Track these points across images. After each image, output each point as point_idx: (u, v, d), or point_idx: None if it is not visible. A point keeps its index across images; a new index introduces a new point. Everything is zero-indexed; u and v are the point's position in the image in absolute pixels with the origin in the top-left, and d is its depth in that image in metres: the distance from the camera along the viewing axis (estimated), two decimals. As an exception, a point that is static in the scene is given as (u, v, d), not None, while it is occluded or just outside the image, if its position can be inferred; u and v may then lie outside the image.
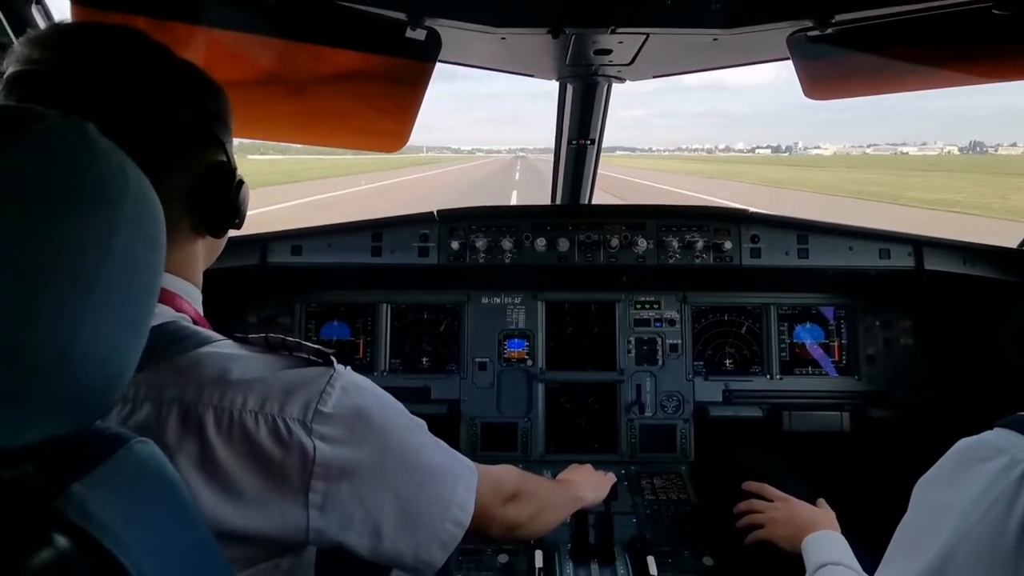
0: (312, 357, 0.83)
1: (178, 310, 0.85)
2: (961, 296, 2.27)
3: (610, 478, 1.84)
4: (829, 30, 1.42)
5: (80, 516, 0.52)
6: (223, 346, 0.81)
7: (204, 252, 0.96)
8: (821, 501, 1.75)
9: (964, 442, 0.87)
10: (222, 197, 0.90)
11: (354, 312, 2.51)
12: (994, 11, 1.28)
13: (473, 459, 2.29)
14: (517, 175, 39.91)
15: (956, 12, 1.32)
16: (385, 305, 2.50)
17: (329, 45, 1.43)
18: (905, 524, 0.93)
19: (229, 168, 0.90)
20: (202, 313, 0.92)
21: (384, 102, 1.60)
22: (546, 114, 2.31)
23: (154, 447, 0.62)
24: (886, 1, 1.34)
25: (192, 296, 0.91)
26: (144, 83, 0.81)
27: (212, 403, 0.73)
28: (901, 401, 2.36)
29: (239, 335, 0.85)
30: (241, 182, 0.94)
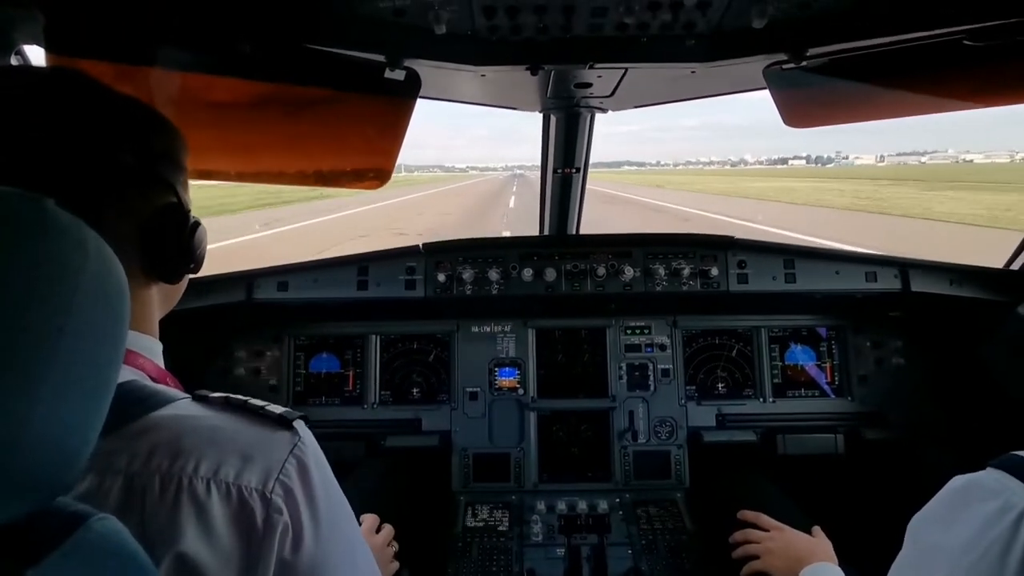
0: (276, 416, 0.79)
1: (134, 367, 0.81)
2: (950, 316, 2.27)
3: None
4: (804, 62, 1.44)
5: None
6: (180, 407, 0.77)
7: (160, 299, 0.90)
8: (817, 529, 1.74)
9: (957, 481, 0.87)
10: (174, 241, 0.86)
11: (343, 344, 2.50)
12: (964, 42, 1.30)
13: (466, 491, 2.29)
14: (512, 200, 32.05)
15: (928, 44, 1.34)
16: (374, 336, 2.49)
17: (305, 84, 1.44)
18: (900, 562, 0.92)
19: (181, 210, 0.86)
20: (162, 366, 0.88)
21: (365, 140, 1.60)
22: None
23: (115, 523, 0.59)
24: (858, 35, 1.36)
25: (149, 349, 0.86)
26: (82, 125, 0.77)
27: (160, 471, 0.69)
28: (895, 421, 2.35)
29: (200, 393, 0.81)
30: (196, 224, 0.89)
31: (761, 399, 2.45)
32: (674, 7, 1.29)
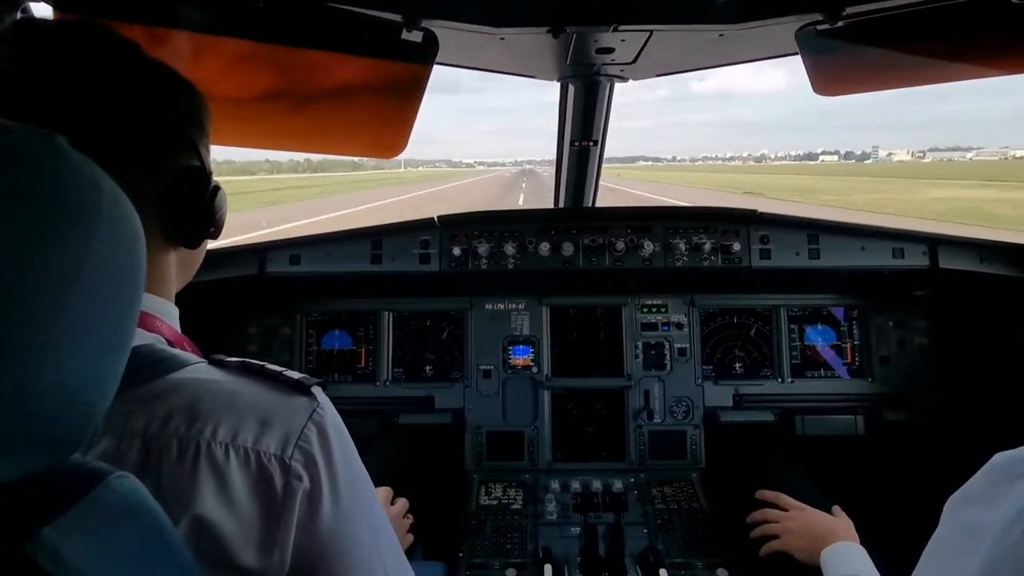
0: (294, 381, 0.76)
1: (151, 330, 0.78)
2: (978, 295, 2.21)
3: None
4: (840, 23, 1.37)
5: (52, 563, 0.47)
6: (197, 370, 0.74)
7: (178, 266, 0.88)
8: (837, 509, 1.70)
9: (1000, 457, 0.82)
10: (194, 204, 0.83)
11: (355, 320, 2.47)
12: (1013, 1, 1.23)
13: (479, 469, 2.27)
14: (520, 199, 32.06)
15: (973, 3, 1.27)
16: (387, 313, 2.46)
17: (322, 49, 1.39)
18: (935, 544, 0.88)
19: (203, 173, 0.84)
20: (179, 330, 0.85)
21: (381, 107, 1.55)
22: (556, 125, 2.22)
23: (135, 482, 0.56)
24: None
25: (167, 314, 0.84)
26: (111, 81, 0.75)
27: (177, 434, 0.67)
28: (917, 403, 2.30)
29: (216, 357, 0.78)
30: (217, 188, 0.87)
31: (779, 379, 2.40)
32: None
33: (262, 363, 0.78)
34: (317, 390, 0.78)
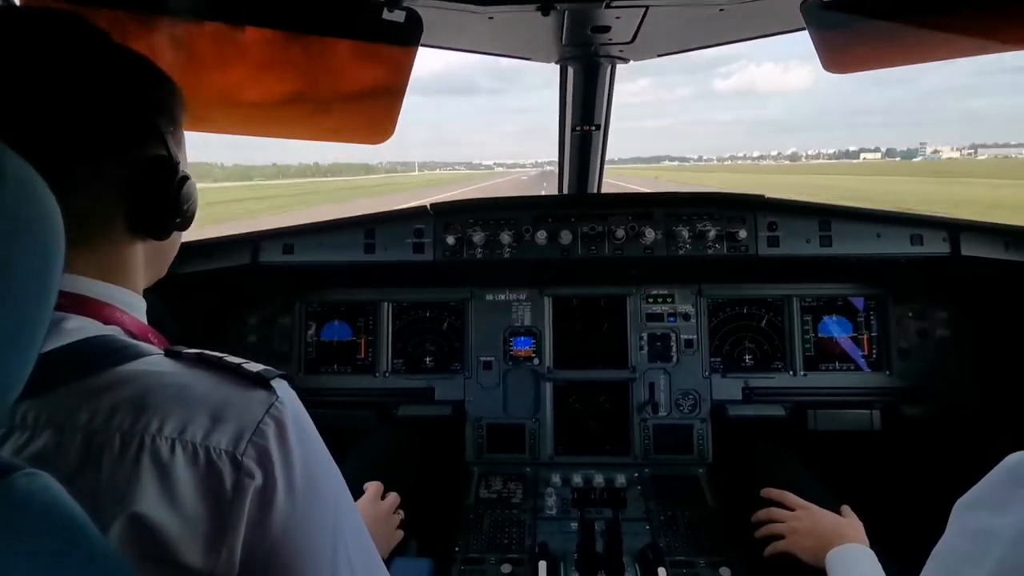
0: (253, 375, 0.73)
1: (109, 322, 0.76)
2: (1003, 284, 2.08)
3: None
4: (846, -6, 1.28)
5: None
6: (149, 362, 0.72)
7: (146, 258, 0.87)
8: (846, 509, 1.62)
9: (1012, 458, 0.74)
10: (161, 194, 0.82)
11: (355, 311, 2.44)
12: None
13: (479, 461, 2.23)
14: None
15: None
16: (386, 303, 2.43)
17: (299, 30, 1.34)
18: (942, 549, 0.81)
19: (170, 163, 0.83)
20: (144, 322, 0.84)
21: (365, 91, 1.51)
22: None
23: (47, 479, 0.53)
24: None
25: (130, 304, 0.82)
26: (79, 69, 0.75)
27: (120, 428, 0.64)
28: (937, 397, 2.19)
29: (174, 348, 0.76)
30: (185, 178, 0.85)
31: (791, 372, 2.31)
32: None
33: (221, 355, 0.75)
34: (279, 383, 0.74)
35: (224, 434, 0.67)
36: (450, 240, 2.16)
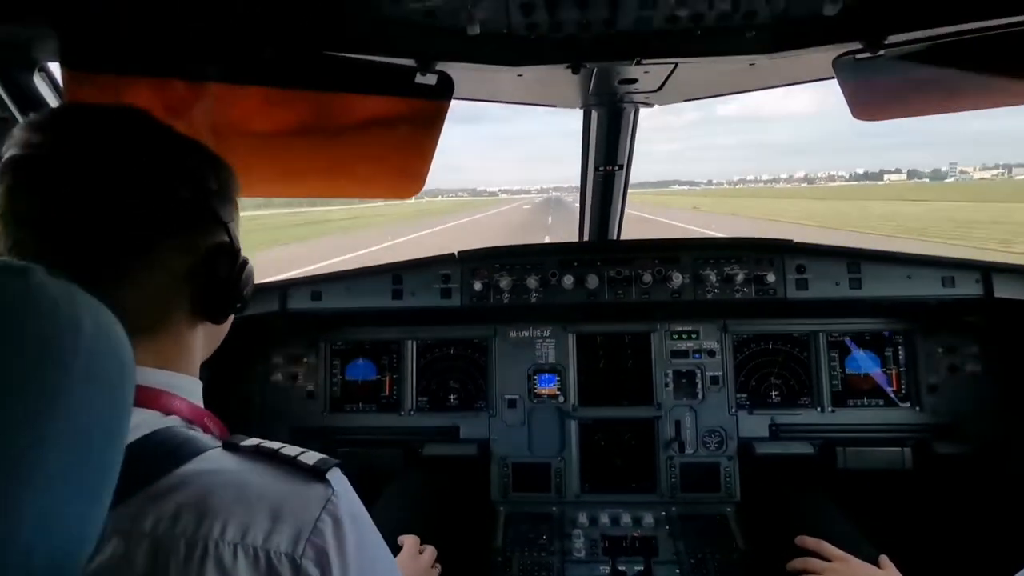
0: (310, 468, 0.74)
1: (167, 411, 0.78)
2: None
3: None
4: (881, 51, 1.28)
5: None
6: (209, 459, 0.73)
7: (203, 340, 0.89)
8: (884, 559, 1.60)
9: None
10: (224, 280, 0.84)
11: (379, 349, 2.45)
12: None
13: (505, 501, 2.22)
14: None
15: (1017, 32, 1.16)
16: (411, 341, 2.44)
17: (335, 92, 1.36)
18: None
19: (232, 249, 0.86)
20: (201, 405, 0.85)
21: (397, 146, 1.52)
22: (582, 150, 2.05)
23: None
24: (945, 19, 1.19)
25: (187, 390, 0.83)
26: (144, 162, 0.77)
27: (185, 535, 0.65)
28: (971, 435, 2.16)
29: (232, 440, 0.77)
30: (245, 263, 0.88)
31: (819, 408, 2.28)
32: None
33: (278, 447, 0.76)
34: (334, 474, 0.76)
35: (283, 535, 0.67)
36: (477, 286, 2.17)
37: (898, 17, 1.21)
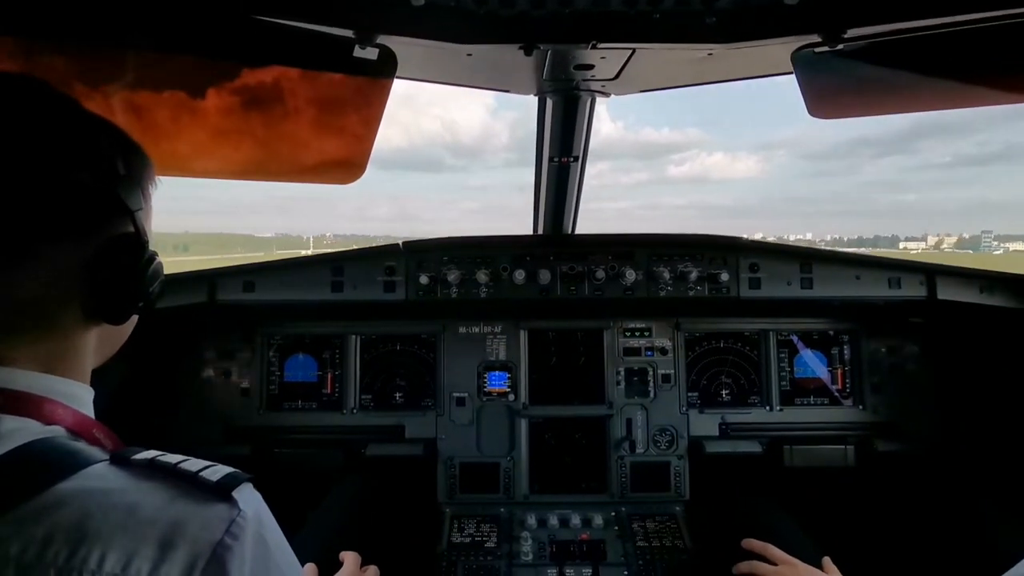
0: (213, 484, 0.64)
1: (49, 420, 0.67)
2: (975, 325, 2.10)
3: None
4: (840, 45, 1.24)
5: None
6: (92, 475, 0.63)
7: (97, 343, 0.78)
8: (827, 562, 1.60)
9: None
10: (124, 275, 0.74)
11: (320, 344, 2.32)
12: None
13: (452, 502, 2.14)
14: None
15: (984, 28, 1.15)
16: (354, 336, 2.31)
17: (265, 64, 1.23)
18: None
19: (137, 241, 0.75)
20: (91, 414, 0.74)
21: (335, 127, 1.40)
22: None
23: None
24: (905, 14, 1.16)
25: (75, 397, 0.73)
26: (40, 139, 0.69)
27: (55, 563, 0.56)
28: (910, 433, 2.21)
29: (122, 453, 0.66)
30: (152, 257, 0.78)
31: (767, 407, 2.29)
32: None
33: (176, 460, 0.66)
34: (243, 491, 0.66)
35: (174, 565, 0.58)
36: (423, 279, 2.07)
37: (858, 10, 1.18)
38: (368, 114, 1.41)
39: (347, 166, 1.46)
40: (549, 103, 1.88)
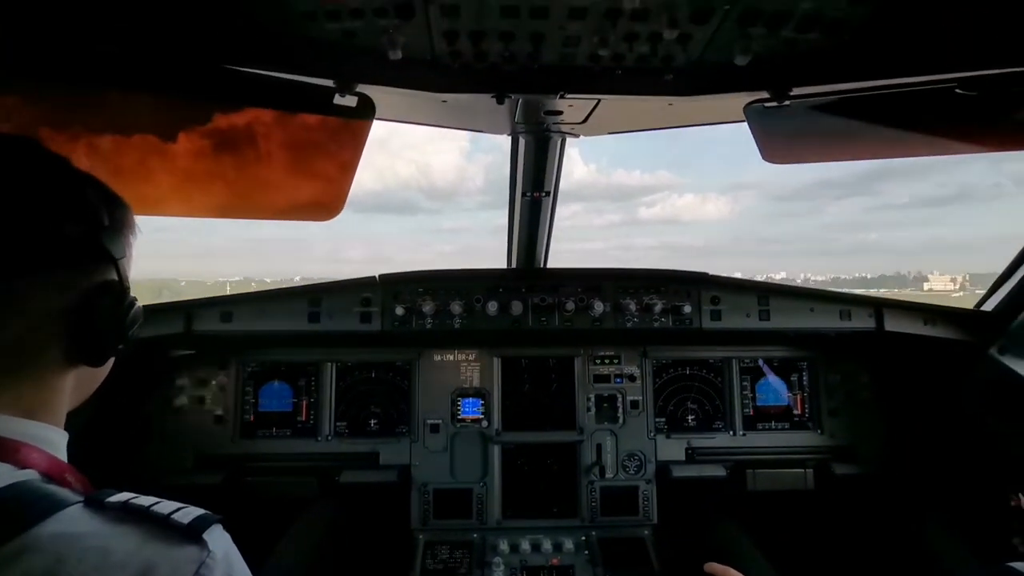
0: (184, 527, 0.67)
1: (23, 464, 0.69)
2: (922, 354, 2.23)
3: None
4: (787, 102, 1.35)
5: None
6: (65, 520, 0.65)
7: (75, 384, 0.81)
8: None
9: None
10: (107, 321, 0.78)
11: (296, 371, 2.34)
12: (957, 91, 1.23)
13: (425, 528, 2.16)
14: None
15: (917, 91, 1.27)
16: (329, 364, 2.34)
17: (246, 107, 1.29)
18: None
19: (119, 288, 0.80)
20: (64, 459, 0.76)
21: (315, 166, 1.46)
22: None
23: None
24: (844, 76, 1.28)
25: (48, 441, 0.75)
26: (32, 194, 0.73)
27: None
28: (864, 457, 2.31)
29: (95, 496, 0.69)
30: (132, 303, 0.82)
31: (731, 432, 2.38)
32: (652, 40, 1.19)
33: (149, 503, 0.69)
34: (212, 533, 0.69)
35: None
36: (399, 311, 2.11)
37: (801, 72, 1.28)
38: (347, 154, 1.47)
39: (325, 204, 1.51)
40: (522, 142, 1.97)
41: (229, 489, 2.13)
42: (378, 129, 1.57)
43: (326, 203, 1.52)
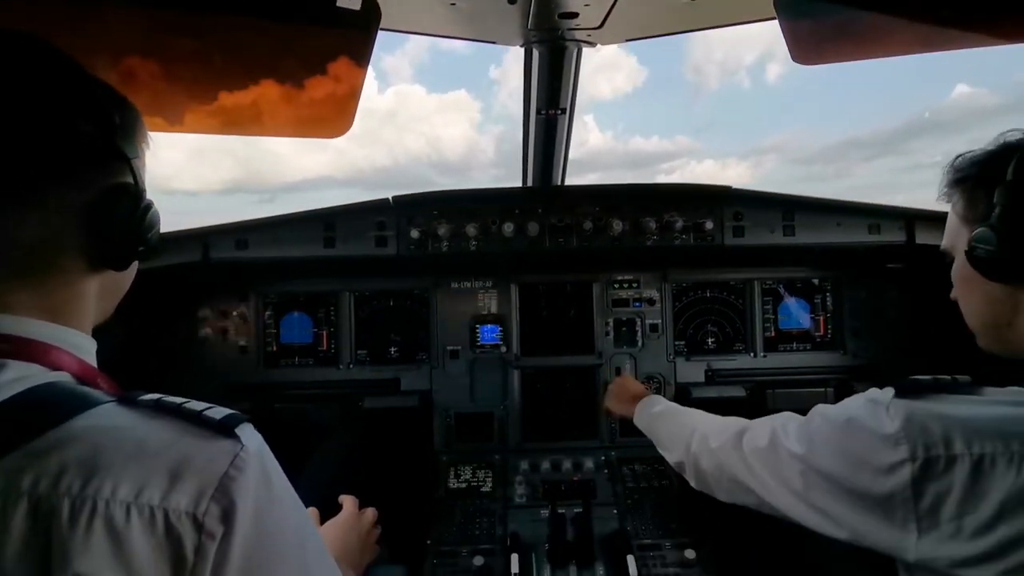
0: (217, 422, 0.68)
1: (55, 366, 0.71)
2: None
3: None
4: (821, -11, 1.25)
5: None
6: (101, 414, 0.66)
7: (100, 292, 0.82)
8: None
9: None
10: (125, 222, 0.77)
11: (315, 301, 2.36)
12: None
13: (448, 451, 2.22)
14: None
15: None
16: (348, 293, 2.35)
17: (245, 14, 1.23)
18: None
19: (135, 190, 0.79)
20: (94, 364, 0.78)
21: (322, 81, 1.41)
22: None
23: None
24: None
25: (77, 345, 0.76)
26: (43, 92, 0.72)
27: (69, 493, 0.59)
28: (887, 376, 2.28)
29: (129, 395, 0.70)
30: (149, 206, 0.81)
31: (752, 354, 2.36)
32: None
33: (180, 401, 0.70)
34: (244, 429, 0.70)
35: (184, 494, 0.62)
36: (414, 233, 2.09)
37: None
38: (353, 68, 1.41)
39: (333, 120, 1.47)
40: (535, 55, 1.88)
41: (257, 415, 2.19)
42: (384, 101, 1.50)
43: (334, 119, 1.48)
